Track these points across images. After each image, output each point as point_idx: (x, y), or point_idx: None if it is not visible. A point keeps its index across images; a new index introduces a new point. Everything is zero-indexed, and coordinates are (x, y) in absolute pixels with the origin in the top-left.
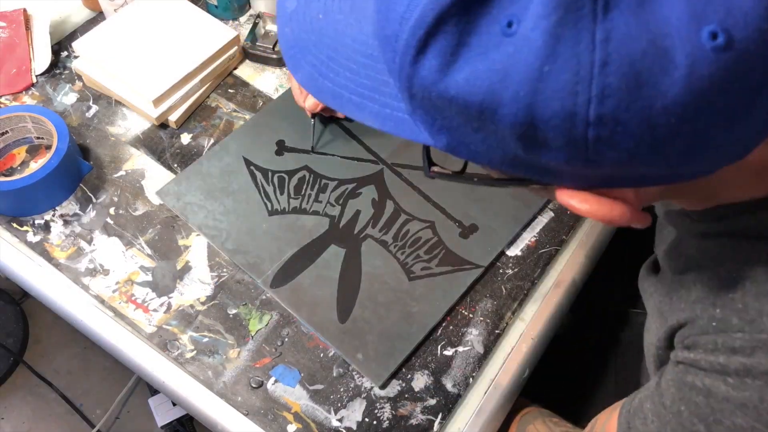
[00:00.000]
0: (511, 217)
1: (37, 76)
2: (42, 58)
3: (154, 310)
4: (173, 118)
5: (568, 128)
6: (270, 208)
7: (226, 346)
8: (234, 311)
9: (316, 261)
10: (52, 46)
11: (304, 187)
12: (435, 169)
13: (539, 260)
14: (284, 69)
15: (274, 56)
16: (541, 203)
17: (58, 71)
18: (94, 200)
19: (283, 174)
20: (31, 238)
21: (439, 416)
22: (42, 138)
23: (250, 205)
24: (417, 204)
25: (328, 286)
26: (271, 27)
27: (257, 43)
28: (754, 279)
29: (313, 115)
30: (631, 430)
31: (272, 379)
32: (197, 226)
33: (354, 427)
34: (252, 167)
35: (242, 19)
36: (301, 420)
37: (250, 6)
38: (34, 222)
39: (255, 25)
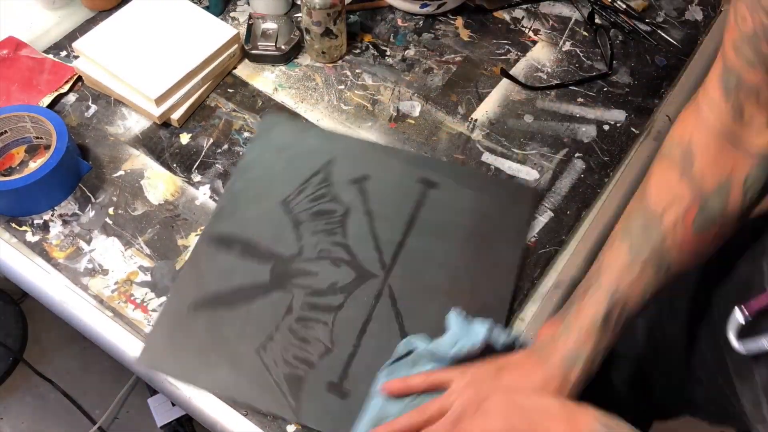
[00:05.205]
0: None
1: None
2: None
3: (153, 310)
4: (175, 116)
5: None
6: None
7: None
8: None
9: None
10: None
11: None
12: None
13: (539, 261)
14: (283, 68)
15: (277, 53)
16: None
17: None
18: (93, 200)
19: None
20: (30, 237)
21: None
22: (41, 138)
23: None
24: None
25: None
26: (268, 26)
27: (258, 43)
28: None
29: None
30: None
31: None
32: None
33: None
34: None
35: (241, 18)
36: None
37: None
38: (33, 222)
39: (250, 26)
